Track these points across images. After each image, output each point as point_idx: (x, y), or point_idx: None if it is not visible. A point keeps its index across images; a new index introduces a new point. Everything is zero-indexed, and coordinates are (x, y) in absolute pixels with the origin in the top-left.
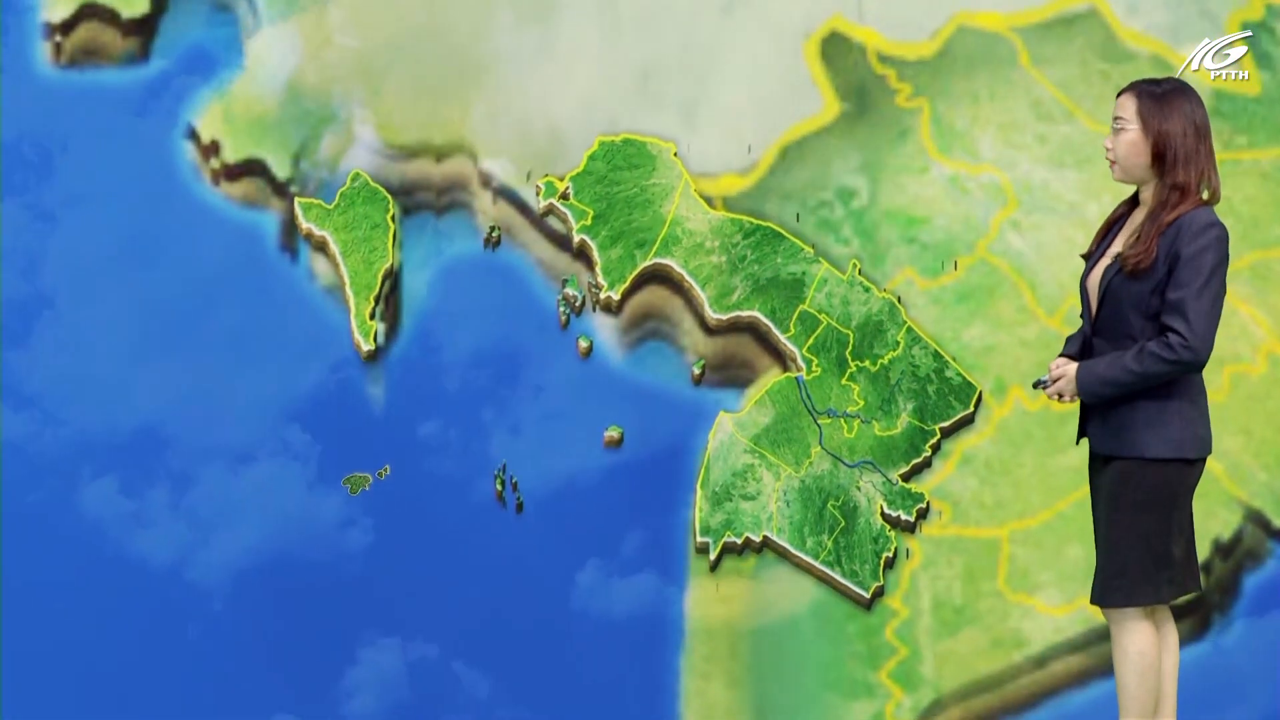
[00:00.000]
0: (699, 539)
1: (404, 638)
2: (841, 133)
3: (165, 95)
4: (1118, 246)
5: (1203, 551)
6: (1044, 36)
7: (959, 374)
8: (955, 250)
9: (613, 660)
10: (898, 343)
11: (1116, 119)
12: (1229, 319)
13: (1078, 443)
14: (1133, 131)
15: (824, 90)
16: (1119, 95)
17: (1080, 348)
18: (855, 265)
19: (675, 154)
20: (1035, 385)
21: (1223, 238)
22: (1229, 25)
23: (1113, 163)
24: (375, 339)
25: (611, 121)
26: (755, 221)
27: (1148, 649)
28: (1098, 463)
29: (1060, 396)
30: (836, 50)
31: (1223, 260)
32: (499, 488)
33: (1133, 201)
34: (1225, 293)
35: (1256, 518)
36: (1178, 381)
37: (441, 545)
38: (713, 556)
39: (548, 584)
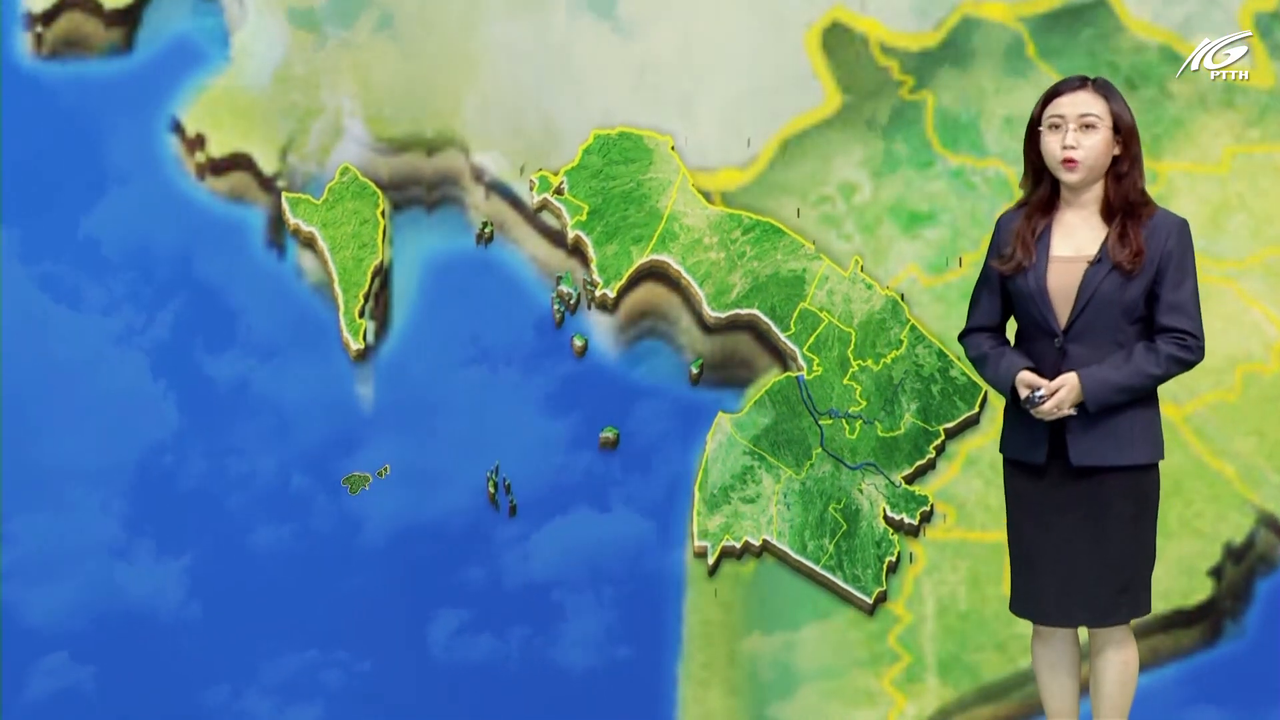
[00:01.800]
0: (697, 543)
1: (410, 629)
2: (843, 126)
3: (149, 87)
4: (1065, 250)
5: (1214, 556)
6: (1051, 27)
7: (964, 373)
8: (960, 246)
9: (609, 667)
10: (901, 341)
11: (1085, 115)
12: (1240, 317)
13: (1043, 459)
14: (1106, 130)
15: (825, 82)
16: (1073, 93)
17: (1038, 357)
18: (857, 262)
19: (672, 147)
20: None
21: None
22: (1241, 16)
23: (1076, 163)
24: (364, 337)
25: (607, 114)
26: (755, 217)
27: (1134, 658)
28: (1066, 478)
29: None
30: (838, 41)
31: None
32: (492, 490)
33: (1046, 207)
34: None
35: (1269, 521)
36: None
37: (433, 547)
38: (711, 561)
39: (541, 588)
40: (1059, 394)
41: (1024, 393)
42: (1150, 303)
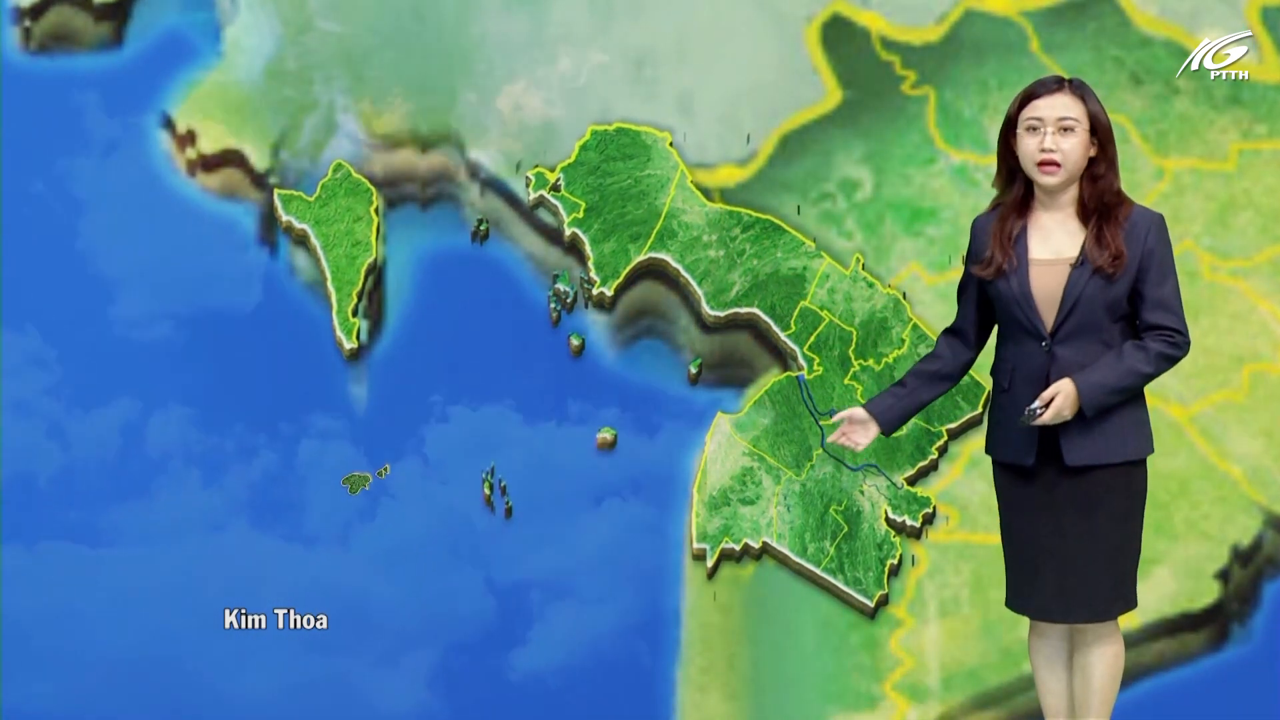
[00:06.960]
0: (695, 545)
1: (411, 639)
2: (844, 122)
3: (139, 83)
4: (1044, 253)
5: (1221, 558)
6: (1055, 21)
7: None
8: (963, 244)
9: (607, 671)
10: (903, 340)
11: (1064, 119)
12: (1248, 315)
13: (1032, 461)
14: (1083, 132)
15: (826, 77)
16: (1051, 95)
17: (1025, 359)
18: (858, 260)
19: (671, 144)
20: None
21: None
22: (1248, 10)
23: (1057, 165)
24: (358, 337)
25: (605, 110)
26: (754, 214)
27: (1122, 650)
28: (1058, 477)
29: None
30: (839, 35)
31: None
32: (487, 491)
33: (1020, 209)
34: None
35: (1277, 523)
36: None
37: (430, 548)
38: (710, 563)
39: (539, 591)
40: (1055, 403)
41: None
42: (1133, 299)
